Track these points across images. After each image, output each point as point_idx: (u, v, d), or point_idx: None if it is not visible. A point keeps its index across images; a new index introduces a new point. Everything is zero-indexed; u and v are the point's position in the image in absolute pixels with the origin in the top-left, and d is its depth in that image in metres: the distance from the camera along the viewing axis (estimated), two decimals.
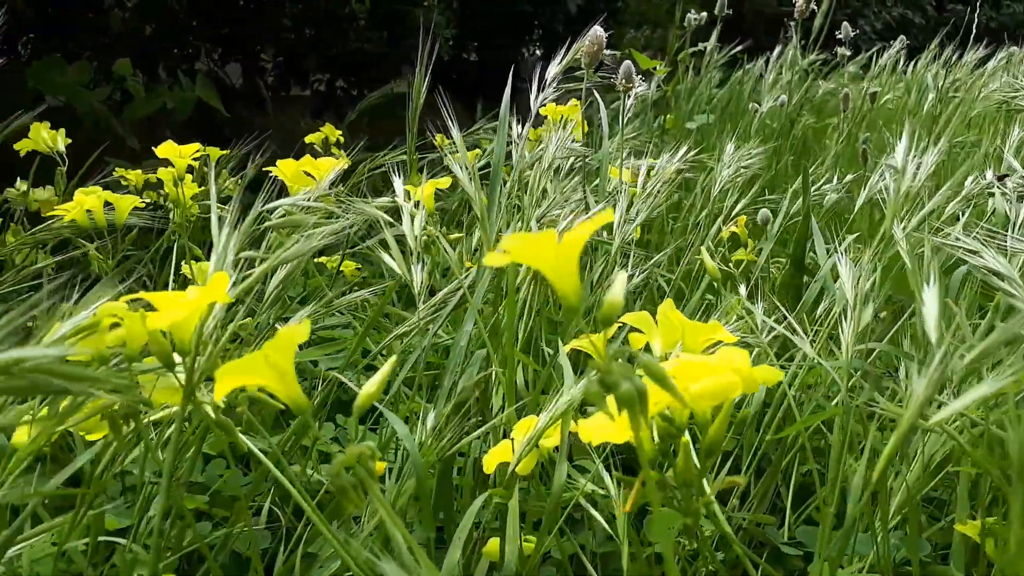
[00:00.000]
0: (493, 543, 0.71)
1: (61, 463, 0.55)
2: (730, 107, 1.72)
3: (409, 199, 0.70)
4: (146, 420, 0.52)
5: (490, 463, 0.64)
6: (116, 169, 1.38)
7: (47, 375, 0.37)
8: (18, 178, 1.40)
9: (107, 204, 0.86)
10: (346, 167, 0.81)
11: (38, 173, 1.30)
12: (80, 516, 0.55)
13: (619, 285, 0.37)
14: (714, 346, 0.62)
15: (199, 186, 1.11)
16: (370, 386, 0.39)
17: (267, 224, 0.53)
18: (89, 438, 0.72)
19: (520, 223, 0.75)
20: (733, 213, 1.07)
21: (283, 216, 0.56)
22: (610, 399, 0.41)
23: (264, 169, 0.79)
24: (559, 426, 0.61)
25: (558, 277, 0.35)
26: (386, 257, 0.63)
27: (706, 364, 0.41)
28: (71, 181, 1.30)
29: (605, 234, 0.89)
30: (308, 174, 0.83)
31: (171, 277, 0.93)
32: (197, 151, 0.90)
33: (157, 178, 1.28)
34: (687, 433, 0.48)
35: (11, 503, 0.57)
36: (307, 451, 0.77)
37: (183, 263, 0.96)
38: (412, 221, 0.64)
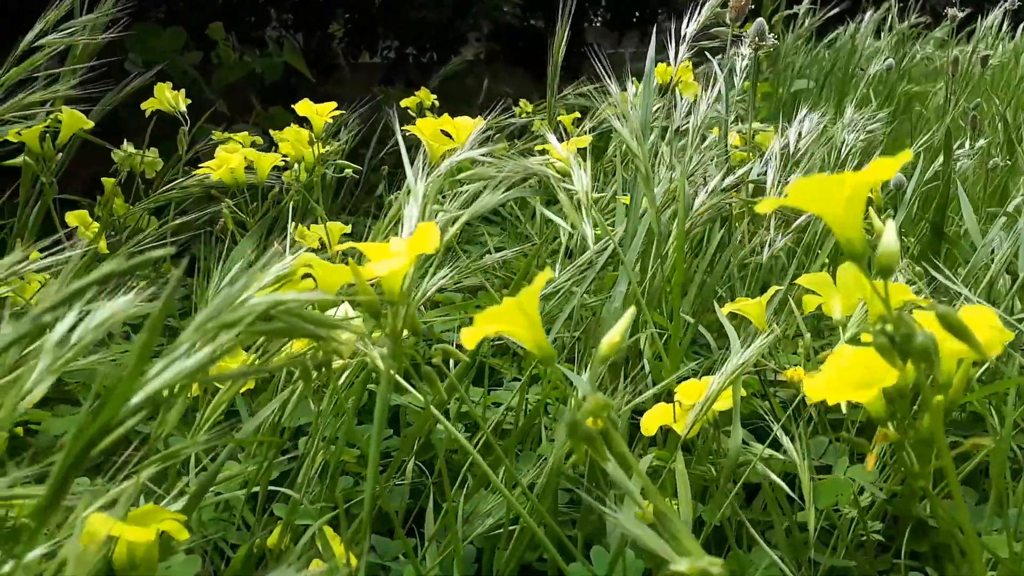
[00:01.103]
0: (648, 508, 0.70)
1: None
2: (836, 71, 1.66)
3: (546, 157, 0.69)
4: (335, 370, 0.52)
5: (650, 425, 0.64)
6: (215, 133, 1.40)
7: (299, 319, 0.37)
8: (124, 140, 1.43)
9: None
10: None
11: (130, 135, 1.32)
12: (267, 463, 0.56)
13: (891, 233, 0.35)
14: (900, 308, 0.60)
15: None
16: (613, 335, 0.38)
17: (456, 177, 0.53)
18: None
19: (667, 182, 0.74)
20: None
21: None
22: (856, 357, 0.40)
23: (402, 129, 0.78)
24: (731, 390, 0.60)
25: (843, 223, 0.34)
26: (548, 212, 0.62)
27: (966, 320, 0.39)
28: (158, 144, 1.32)
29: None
30: (446, 134, 0.82)
31: (290, 238, 0.94)
32: (334, 109, 0.90)
33: (252, 141, 1.29)
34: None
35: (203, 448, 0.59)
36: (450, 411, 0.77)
37: (292, 225, 0.97)
38: (583, 173, 0.63)
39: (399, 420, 0.84)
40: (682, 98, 1.01)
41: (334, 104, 0.91)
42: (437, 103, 1.54)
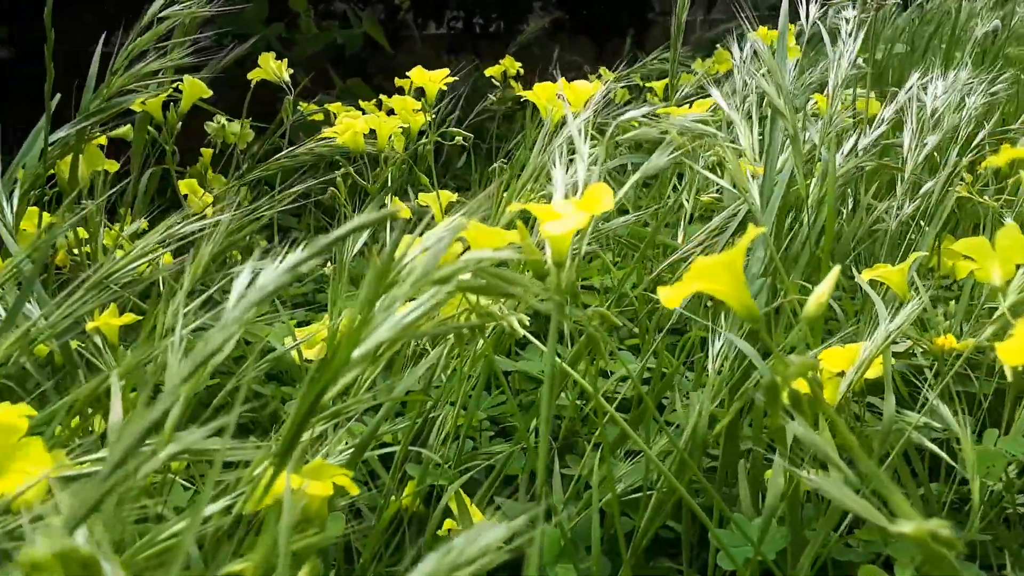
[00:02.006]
0: (767, 473, 0.69)
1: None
2: (940, 32, 1.58)
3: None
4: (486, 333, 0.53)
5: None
6: (302, 105, 1.41)
7: (498, 277, 0.37)
8: (217, 113, 1.46)
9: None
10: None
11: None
12: (415, 422, 0.57)
13: None
14: None
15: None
16: (820, 293, 0.37)
17: (620, 137, 0.52)
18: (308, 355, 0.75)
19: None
20: (974, 144, 1.00)
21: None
22: None
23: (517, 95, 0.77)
24: (881, 357, 0.59)
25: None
26: (707, 173, 0.61)
27: None
28: (248, 118, 1.34)
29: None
30: (562, 98, 0.81)
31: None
32: (447, 76, 0.90)
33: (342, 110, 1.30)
34: None
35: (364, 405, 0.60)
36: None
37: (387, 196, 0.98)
38: (749, 127, 0.61)
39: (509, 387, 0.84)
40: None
41: (446, 71, 0.91)
42: (522, 71, 1.53)
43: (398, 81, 1.32)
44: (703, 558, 0.70)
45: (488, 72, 1.50)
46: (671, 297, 0.36)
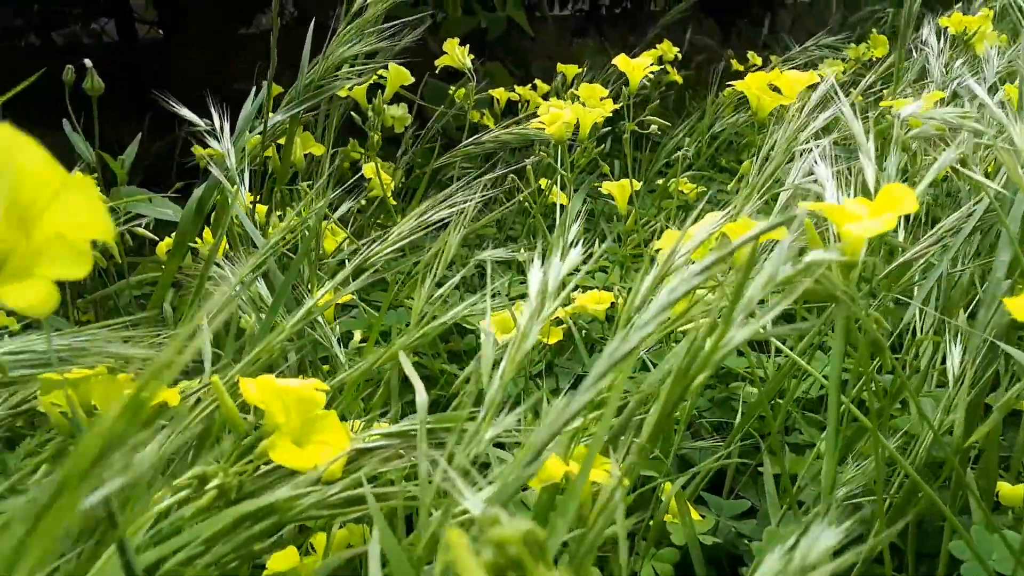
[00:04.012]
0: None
1: None
2: None
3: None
4: None
5: None
6: (451, 89, 1.43)
7: (829, 280, 0.36)
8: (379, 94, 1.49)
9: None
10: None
11: None
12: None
13: None
14: None
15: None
16: None
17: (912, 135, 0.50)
18: None
19: None
20: None
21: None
22: None
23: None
24: None
25: None
26: (968, 172, 0.58)
27: None
28: (399, 102, 1.36)
29: None
30: (775, 88, 0.79)
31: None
32: (651, 64, 0.89)
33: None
34: None
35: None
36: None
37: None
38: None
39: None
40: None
41: (649, 60, 0.90)
42: (682, 57, 1.50)
43: (560, 67, 1.32)
44: (922, 572, 0.68)
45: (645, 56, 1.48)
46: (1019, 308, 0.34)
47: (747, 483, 0.79)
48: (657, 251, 0.56)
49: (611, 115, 0.85)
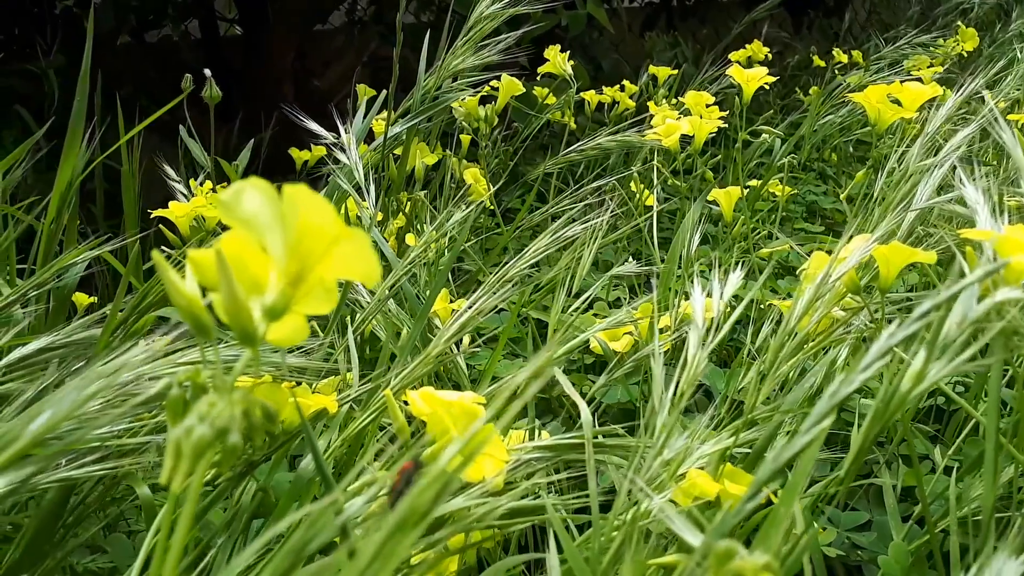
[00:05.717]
0: None
1: None
2: None
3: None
4: None
5: None
6: (537, 90, 1.44)
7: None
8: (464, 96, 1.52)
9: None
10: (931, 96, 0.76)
11: None
12: None
13: None
14: None
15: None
16: None
17: None
18: None
19: None
20: None
21: None
22: None
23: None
24: None
25: None
26: None
27: None
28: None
29: None
30: (895, 100, 0.79)
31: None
32: (763, 77, 0.89)
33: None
34: None
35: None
36: None
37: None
38: None
39: None
40: None
41: (765, 70, 0.90)
42: (770, 55, 1.48)
43: (653, 69, 1.32)
44: None
45: (733, 56, 1.47)
46: None
47: (860, 495, 0.79)
48: (801, 271, 0.57)
49: (724, 126, 0.86)
